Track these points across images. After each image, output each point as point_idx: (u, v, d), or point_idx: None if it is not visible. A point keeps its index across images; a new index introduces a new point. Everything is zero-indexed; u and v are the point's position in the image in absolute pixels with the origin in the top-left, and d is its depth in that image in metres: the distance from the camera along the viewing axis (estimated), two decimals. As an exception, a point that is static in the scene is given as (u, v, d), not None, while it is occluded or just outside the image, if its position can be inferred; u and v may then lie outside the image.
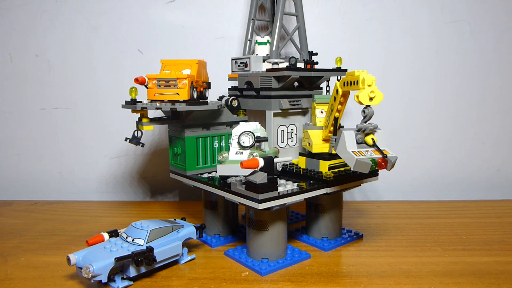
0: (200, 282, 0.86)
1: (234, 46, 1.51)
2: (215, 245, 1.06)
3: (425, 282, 0.85)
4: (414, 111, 1.57)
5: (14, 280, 0.88)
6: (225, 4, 1.51)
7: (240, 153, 0.91)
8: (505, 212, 1.35)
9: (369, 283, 0.85)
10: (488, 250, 1.02)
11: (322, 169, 1.01)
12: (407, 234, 1.14)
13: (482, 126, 1.59)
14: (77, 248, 0.87)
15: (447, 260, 0.96)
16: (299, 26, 1.22)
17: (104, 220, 1.30)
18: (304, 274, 0.89)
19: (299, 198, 0.92)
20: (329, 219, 1.07)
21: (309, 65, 1.11)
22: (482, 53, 1.55)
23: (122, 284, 0.84)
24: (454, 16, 1.53)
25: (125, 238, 0.90)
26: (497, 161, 1.61)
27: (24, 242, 1.10)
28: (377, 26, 1.52)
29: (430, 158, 1.59)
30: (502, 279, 0.87)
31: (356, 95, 0.82)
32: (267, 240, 0.93)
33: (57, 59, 1.54)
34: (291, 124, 1.12)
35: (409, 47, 1.53)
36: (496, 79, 1.57)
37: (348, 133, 0.86)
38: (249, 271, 0.91)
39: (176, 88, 0.94)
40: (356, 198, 1.59)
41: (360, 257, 0.99)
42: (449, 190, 1.59)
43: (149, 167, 1.58)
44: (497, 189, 1.60)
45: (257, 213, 0.93)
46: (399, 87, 1.55)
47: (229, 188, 0.93)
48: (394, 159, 0.85)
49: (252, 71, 1.13)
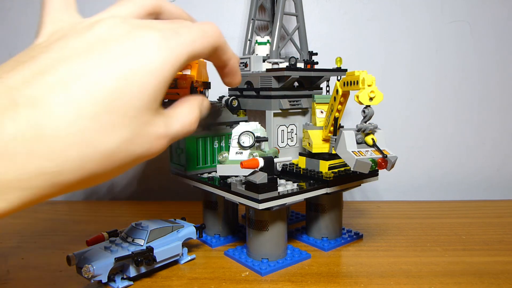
0: (200, 282, 0.86)
1: (234, 46, 1.51)
2: (215, 245, 1.06)
3: (425, 282, 0.85)
4: (414, 111, 1.57)
5: (14, 280, 0.88)
6: (225, 4, 1.51)
7: (240, 153, 0.91)
8: (505, 212, 1.35)
9: (369, 283, 0.85)
10: (488, 250, 1.02)
11: (322, 169, 1.01)
12: (407, 234, 1.14)
13: (482, 126, 1.59)
14: (77, 248, 0.87)
15: (447, 260, 0.96)
16: (299, 26, 1.22)
17: (104, 220, 1.30)
18: (304, 274, 0.89)
19: (299, 198, 0.92)
20: (329, 219, 1.07)
21: (309, 65, 1.11)
22: (482, 53, 1.55)
23: (122, 284, 0.84)
24: (454, 16, 1.53)
25: (125, 238, 0.90)
26: (497, 161, 1.61)
27: (24, 242, 1.10)
28: (377, 26, 1.52)
29: (430, 158, 1.59)
30: (502, 279, 0.87)
31: (356, 95, 0.82)
32: (267, 240, 0.93)
33: (57, 59, 1.54)
34: (291, 124, 1.12)
35: (409, 47, 1.53)
36: (496, 79, 1.57)
37: (348, 133, 0.86)
38: (249, 271, 0.91)
39: (176, 88, 0.94)
40: (356, 198, 1.59)
41: (360, 257, 0.99)
42: (449, 190, 1.59)
43: (149, 167, 1.58)
44: (497, 189, 1.60)
45: (257, 213, 0.93)
46: (399, 87, 1.55)
47: (229, 188, 0.93)
48: (394, 159, 0.85)
49: (252, 71, 1.13)
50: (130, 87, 0.44)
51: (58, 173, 0.40)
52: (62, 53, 0.44)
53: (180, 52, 0.50)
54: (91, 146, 0.41)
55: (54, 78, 0.41)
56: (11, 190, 0.37)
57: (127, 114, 0.44)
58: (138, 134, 0.47)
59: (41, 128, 0.38)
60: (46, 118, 0.38)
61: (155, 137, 0.49)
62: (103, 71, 0.43)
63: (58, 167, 0.39)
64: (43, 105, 0.38)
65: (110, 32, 0.47)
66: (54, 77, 0.41)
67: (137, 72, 0.45)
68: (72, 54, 0.44)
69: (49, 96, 0.39)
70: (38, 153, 0.38)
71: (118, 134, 0.44)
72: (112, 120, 0.43)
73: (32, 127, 0.37)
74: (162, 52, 0.48)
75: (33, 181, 0.38)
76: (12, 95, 0.38)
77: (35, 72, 0.41)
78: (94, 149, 0.42)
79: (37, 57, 0.43)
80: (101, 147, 0.43)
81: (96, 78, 0.42)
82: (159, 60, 0.47)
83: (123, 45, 0.46)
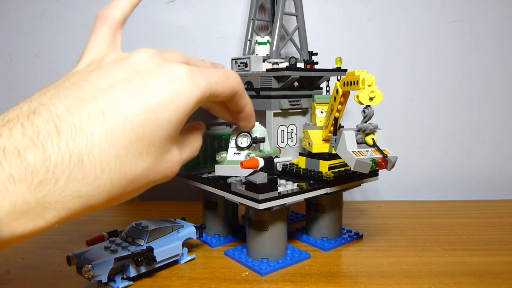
0: (200, 282, 0.86)
1: (234, 46, 1.51)
2: (215, 245, 1.06)
3: (425, 282, 0.85)
4: (414, 111, 1.57)
5: (14, 280, 0.88)
6: (225, 4, 1.51)
7: (238, 154, 0.91)
8: (505, 212, 1.35)
9: (369, 283, 0.85)
10: (488, 250, 1.02)
11: (322, 169, 1.01)
12: (407, 234, 1.14)
13: (482, 126, 1.59)
14: (77, 248, 0.87)
15: (447, 260, 0.96)
16: (299, 26, 1.22)
17: (104, 220, 1.30)
18: (304, 274, 0.89)
19: (299, 198, 0.92)
20: (329, 219, 1.07)
21: (309, 65, 1.11)
22: (482, 53, 1.55)
23: (122, 284, 0.84)
24: (454, 16, 1.53)
25: (125, 238, 0.90)
26: (497, 161, 1.61)
27: (24, 242, 1.09)
28: (377, 26, 1.52)
29: (430, 158, 1.59)
30: (502, 279, 0.87)
31: (356, 95, 0.82)
32: (267, 240, 0.93)
33: (57, 59, 1.54)
34: (291, 124, 1.12)
35: (409, 47, 1.53)
36: (496, 79, 1.57)
37: (348, 133, 0.86)
38: (249, 271, 0.91)
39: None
40: (356, 198, 1.59)
41: (360, 257, 0.99)
42: (449, 190, 1.59)
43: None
44: (497, 189, 1.60)
45: (257, 213, 0.93)
46: (399, 87, 1.55)
47: (229, 188, 0.93)
48: (394, 159, 0.85)
49: (252, 71, 1.13)
50: (159, 118, 0.48)
51: (90, 197, 0.43)
52: (100, 83, 0.48)
53: (205, 89, 0.54)
54: (121, 173, 0.45)
55: (94, 107, 0.44)
56: (50, 211, 0.40)
57: (153, 143, 0.48)
58: (159, 162, 0.51)
59: (80, 156, 0.41)
60: (85, 147, 0.42)
61: (171, 164, 0.54)
62: (136, 102, 0.47)
63: (91, 192, 0.43)
64: (83, 135, 0.42)
65: (143, 63, 0.52)
66: (94, 107, 0.44)
67: (165, 104, 0.49)
68: (110, 85, 0.47)
69: (89, 126, 0.43)
70: (76, 178, 0.41)
71: (143, 161, 0.48)
72: (140, 149, 0.47)
73: (73, 155, 0.41)
74: (189, 87, 0.51)
75: (69, 203, 0.42)
76: (56, 123, 0.41)
77: (77, 101, 0.44)
78: (123, 175, 0.46)
79: (78, 85, 0.47)
80: (129, 173, 0.46)
81: (130, 109, 0.46)
82: (185, 93, 0.51)
83: (154, 77, 0.50)
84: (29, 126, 0.40)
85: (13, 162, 0.38)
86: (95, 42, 0.61)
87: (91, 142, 0.42)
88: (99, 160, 0.43)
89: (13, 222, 0.38)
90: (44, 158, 0.39)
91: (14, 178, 0.37)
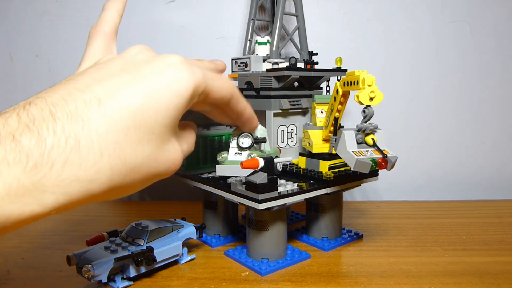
0: (200, 282, 0.86)
1: (234, 46, 1.51)
2: (215, 245, 1.06)
3: (425, 282, 0.85)
4: (414, 111, 1.57)
5: (14, 280, 0.88)
6: (225, 4, 1.51)
7: (239, 154, 0.91)
8: (505, 212, 1.36)
9: (369, 283, 0.85)
10: (488, 250, 1.02)
11: (322, 169, 1.01)
12: (407, 234, 1.14)
13: (482, 126, 1.59)
14: (77, 248, 0.87)
15: (447, 260, 0.96)
16: (299, 26, 1.22)
17: (104, 220, 1.30)
18: (304, 274, 0.89)
19: (299, 198, 0.92)
20: (329, 219, 1.07)
21: (309, 65, 1.11)
22: (482, 53, 1.55)
23: (122, 284, 0.84)
24: (454, 16, 1.53)
25: (125, 238, 0.90)
26: (497, 161, 1.61)
27: (24, 242, 1.10)
28: (377, 26, 1.52)
29: (430, 158, 1.59)
30: (502, 279, 0.87)
31: (356, 95, 0.82)
32: (267, 240, 0.93)
33: (57, 59, 1.54)
34: (291, 124, 1.12)
35: (409, 47, 1.53)
36: (496, 79, 1.57)
37: (348, 133, 0.86)
38: (249, 271, 0.91)
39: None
40: (356, 198, 1.59)
41: (360, 257, 0.99)
42: (449, 190, 1.59)
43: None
44: (497, 189, 1.60)
45: (257, 213, 0.93)
46: (399, 87, 1.55)
47: (229, 188, 0.93)
48: (394, 159, 0.85)
49: (252, 71, 1.13)
50: (156, 104, 0.48)
51: (89, 182, 0.43)
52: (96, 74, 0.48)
53: (202, 79, 0.54)
54: (120, 158, 0.45)
55: (89, 95, 0.44)
56: (48, 195, 0.40)
57: (153, 131, 0.48)
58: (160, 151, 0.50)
59: (77, 139, 0.41)
60: (81, 131, 0.42)
61: (174, 155, 0.54)
62: (133, 89, 0.47)
63: (90, 176, 0.43)
64: (79, 119, 0.42)
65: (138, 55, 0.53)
66: (90, 95, 0.44)
67: (162, 90, 0.49)
68: (105, 76, 0.48)
69: (85, 111, 0.43)
70: (73, 162, 0.41)
71: (144, 149, 0.48)
72: (140, 136, 0.47)
73: (69, 138, 0.41)
74: (185, 73, 0.52)
75: (67, 187, 0.41)
76: (51, 110, 0.41)
77: (72, 90, 0.45)
78: (122, 161, 0.45)
79: (74, 79, 0.48)
80: (129, 160, 0.46)
81: (126, 96, 0.46)
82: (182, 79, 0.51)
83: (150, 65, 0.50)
84: (25, 114, 0.40)
85: (8, 145, 0.38)
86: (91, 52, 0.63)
87: (88, 126, 0.42)
88: (97, 144, 0.42)
89: (8, 206, 0.37)
90: (39, 141, 0.39)
91: (8, 161, 0.37)
